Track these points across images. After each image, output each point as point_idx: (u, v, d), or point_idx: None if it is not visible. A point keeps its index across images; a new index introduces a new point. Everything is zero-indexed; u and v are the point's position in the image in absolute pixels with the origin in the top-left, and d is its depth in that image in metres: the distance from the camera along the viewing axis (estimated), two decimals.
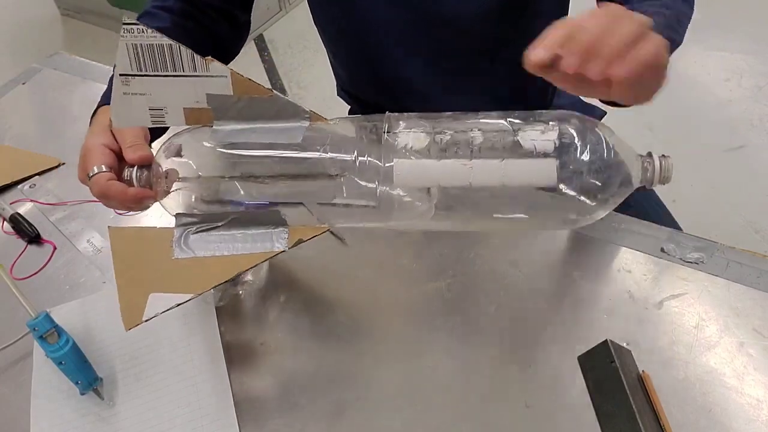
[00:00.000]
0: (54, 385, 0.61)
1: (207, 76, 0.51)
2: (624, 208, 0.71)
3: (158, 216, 0.74)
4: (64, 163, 0.86)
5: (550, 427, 0.55)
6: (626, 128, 0.51)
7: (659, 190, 0.87)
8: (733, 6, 2.23)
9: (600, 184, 0.49)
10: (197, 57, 0.51)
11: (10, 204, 0.81)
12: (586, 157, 0.49)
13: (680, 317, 0.61)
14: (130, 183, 0.55)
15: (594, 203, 0.50)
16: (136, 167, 0.56)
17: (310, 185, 0.53)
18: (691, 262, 0.65)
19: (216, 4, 0.76)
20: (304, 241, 0.52)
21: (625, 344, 0.59)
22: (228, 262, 0.52)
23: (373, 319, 0.65)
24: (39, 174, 0.85)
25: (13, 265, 0.74)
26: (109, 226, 0.56)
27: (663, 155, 0.50)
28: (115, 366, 0.63)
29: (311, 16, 0.84)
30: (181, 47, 0.50)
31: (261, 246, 0.53)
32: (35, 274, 0.73)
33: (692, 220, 0.92)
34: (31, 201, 0.82)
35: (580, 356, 0.59)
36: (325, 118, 0.54)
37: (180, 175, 0.54)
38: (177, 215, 0.54)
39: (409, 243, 0.70)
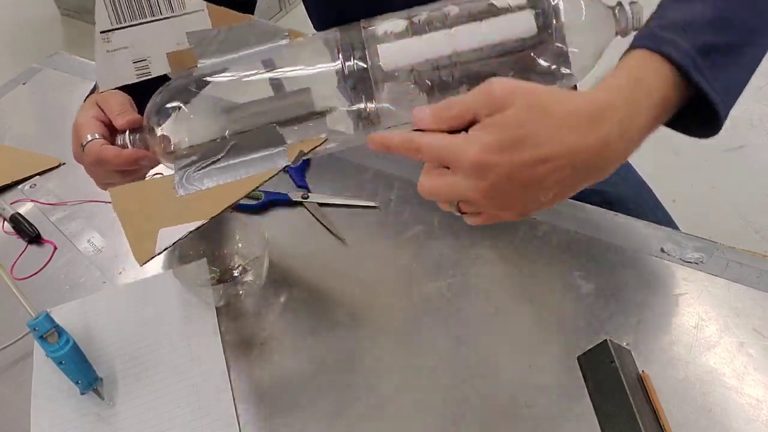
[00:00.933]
0: (54, 385, 0.61)
1: (184, 14, 0.52)
2: (624, 209, 0.71)
3: None
4: (64, 163, 0.86)
5: (550, 427, 0.55)
6: None
7: (659, 190, 0.88)
8: None
9: (578, 35, 0.50)
10: None
11: (11, 204, 0.81)
12: (560, 4, 0.50)
13: (680, 317, 0.61)
14: (124, 147, 0.56)
15: (573, 53, 0.51)
16: (127, 131, 0.56)
17: (299, 129, 0.53)
18: (691, 262, 0.65)
19: None
20: (306, 153, 0.52)
21: (625, 344, 0.59)
22: (234, 186, 0.51)
23: (373, 319, 0.65)
24: (39, 174, 0.85)
25: (14, 265, 0.74)
26: (109, 188, 0.54)
27: (631, 1, 0.51)
28: (115, 366, 0.63)
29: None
30: None
31: (264, 167, 0.52)
32: (35, 274, 0.73)
33: (692, 220, 0.92)
34: (32, 201, 0.82)
35: (580, 356, 0.59)
36: (303, 33, 0.55)
37: (172, 138, 0.54)
38: (176, 160, 0.54)
39: (409, 243, 0.70)
